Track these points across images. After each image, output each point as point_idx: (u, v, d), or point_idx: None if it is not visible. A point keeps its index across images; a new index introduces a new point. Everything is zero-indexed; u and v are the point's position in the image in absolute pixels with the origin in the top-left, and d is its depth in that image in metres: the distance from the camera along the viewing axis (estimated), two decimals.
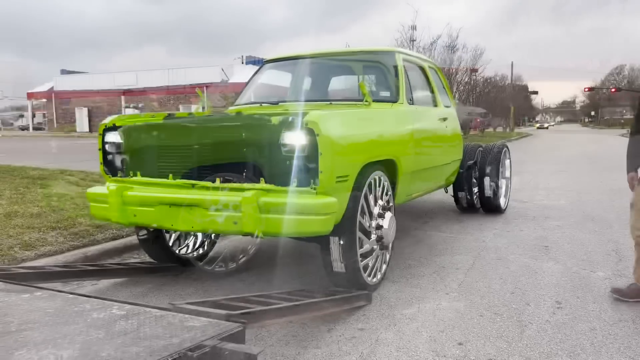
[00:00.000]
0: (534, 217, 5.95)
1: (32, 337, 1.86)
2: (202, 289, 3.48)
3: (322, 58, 4.70)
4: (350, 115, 3.32)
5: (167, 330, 1.92)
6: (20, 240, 4.08)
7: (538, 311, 3.01)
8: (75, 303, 2.25)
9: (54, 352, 1.71)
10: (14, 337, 1.85)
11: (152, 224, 3.14)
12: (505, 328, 2.77)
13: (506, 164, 6.27)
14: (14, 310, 2.16)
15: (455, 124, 5.39)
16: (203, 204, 2.89)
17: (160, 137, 3.29)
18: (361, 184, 3.13)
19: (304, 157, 2.82)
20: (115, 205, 3.14)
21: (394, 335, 2.68)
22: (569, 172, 11.27)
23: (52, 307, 2.20)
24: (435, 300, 3.19)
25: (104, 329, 1.94)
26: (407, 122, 3.99)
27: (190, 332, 1.89)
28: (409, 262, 4.08)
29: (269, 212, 2.75)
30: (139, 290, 3.48)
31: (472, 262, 4.06)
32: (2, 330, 1.91)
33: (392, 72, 4.24)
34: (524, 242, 4.69)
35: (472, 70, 27.67)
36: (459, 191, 5.93)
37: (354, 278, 3.10)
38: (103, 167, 3.45)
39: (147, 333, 1.90)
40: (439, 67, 5.69)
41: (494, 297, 3.24)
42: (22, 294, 2.38)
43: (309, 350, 2.53)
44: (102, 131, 3.41)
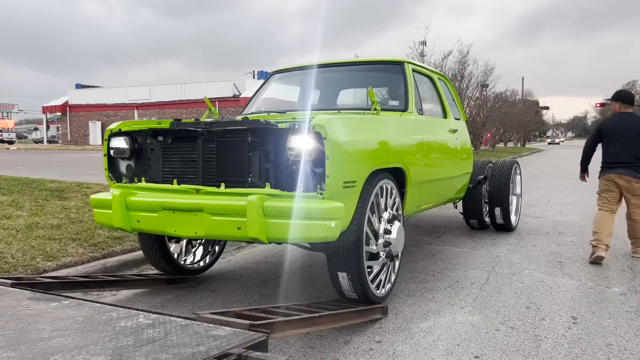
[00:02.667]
0: (547, 232, 5.96)
1: (65, 344, 1.92)
2: (220, 300, 3.54)
3: (331, 68, 4.66)
4: (358, 121, 3.25)
5: (194, 339, 1.98)
6: (42, 251, 4.17)
7: (553, 326, 3.02)
8: (103, 311, 2.32)
9: (87, 358, 1.77)
10: (47, 343, 1.92)
11: (156, 229, 3.11)
12: (521, 342, 2.79)
13: (517, 180, 6.18)
14: (44, 318, 2.23)
15: (465, 136, 5.36)
16: (207, 209, 2.87)
17: (166, 143, 3.28)
18: (369, 191, 3.09)
19: (310, 161, 2.77)
20: (118, 210, 3.14)
21: (411, 348, 2.72)
22: (582, 187, 11.21)
23: (81, 315, 2.27)
24: (451, 314, 3.22)
25: (133, 337, 2.01)
26: (416, 131, 3.95)
27: (216, 341, 1.95)
28: (423, 276, 4.11)
29: (273, 216, 2.71)
30: (158, 301, 3.54)
31: (486, 276, 4.08)
32: (35, 337, 1.98)
33: (401, 82, 4.22)
34: (538, 258, 4.70)
35: (482, 86, 27.73)
36: (470, 218, 5.90)
37: (360, 289, 3.04)
38: (108, 172, 3.44)
39: (175, 341, 1.96)
40: (449, 80, 5.66)
41: (509, 312, 3.26)
42: (51, 303, 2.45)
43: None
44: (108, 136, 3.40)
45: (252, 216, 2.69)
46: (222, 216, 2.83)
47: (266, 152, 2.94)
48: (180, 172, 3.20)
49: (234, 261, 4.74)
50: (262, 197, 2.73)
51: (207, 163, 3.10)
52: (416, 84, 4.32)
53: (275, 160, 2.92)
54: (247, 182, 2.96)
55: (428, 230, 6.19)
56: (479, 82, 25.82)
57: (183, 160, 3.20)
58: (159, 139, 3.30)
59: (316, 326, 2.60)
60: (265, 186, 2.88)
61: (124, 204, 3.15)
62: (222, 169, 3.04)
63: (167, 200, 3.03)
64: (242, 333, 2.04)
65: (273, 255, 4.93)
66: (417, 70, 4.51)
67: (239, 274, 4.25)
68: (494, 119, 31.54)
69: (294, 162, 2.83)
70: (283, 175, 2.89)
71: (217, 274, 4.25)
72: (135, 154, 3.39)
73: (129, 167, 3.43)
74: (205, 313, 2.28)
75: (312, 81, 4.77)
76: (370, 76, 4.59)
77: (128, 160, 3.43)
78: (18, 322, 2.18)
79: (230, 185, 2.98)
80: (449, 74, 22.13)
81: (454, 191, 5.11)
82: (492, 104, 30.46)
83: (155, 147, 3.31)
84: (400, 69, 4.28)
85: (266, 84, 4.96)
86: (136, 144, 3.37)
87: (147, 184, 3.26)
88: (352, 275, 2.99)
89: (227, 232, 2.83)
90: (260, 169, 2.95)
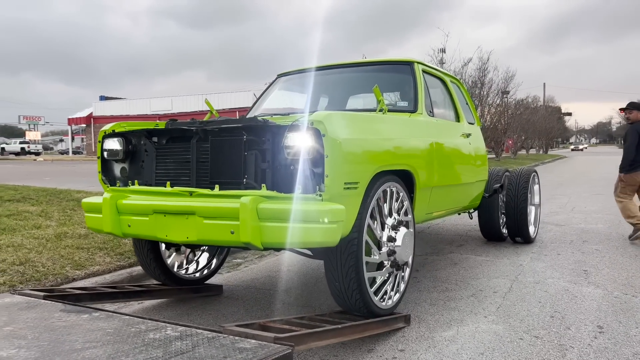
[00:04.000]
0: (572, 241, 5.88)
1: (97, 354, 1.99)
2: (243, 309, 3.59)
3: (338, 69, 4.47)
4: (361, 118, 3.05)
5: (221, 351, 2.03)
6: (71, 260, 4.28)
7: (579, 335, 3.00)
8: (132, 324, 2.39)
9: None
10: (81, 354, 1.99)
11: (147, 234, 2.96)
12: (545, 352, 2.77)
13: (535, 190, 5.94)
14: (76, 329, 2.31)
15: (480, 141, 5.16)
16: (199, 212, 2.71)
17: (160, 144, 3.15)
18: (371, 195, 2.90)
19: (308, 160, 2.60)
20: (109, 215, 2.99)
21: (434, 357, 2.72)
22: (606, 195, 11.02)
23: (111, 327, 2.34)
24: (474, 323, 3.21)
25: (162, 349, 2.07)
26: (425, 133, 3.76)
27: (242, 353, 2.00)
28: (445, 285, 4.10)
29: (269, 220, 2.53)
30: (183, 309, 3.60)
31: (509, 285, 4.05)
32: (69, 348, 2.06)
33: (410, 82, 4.05)
34: (562, 266, 4.65)
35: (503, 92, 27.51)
36: (486, 229, 5.68)
37: (361, 301, 2.86)
38: (101, 175, 3.31)
39: (202, 353, 2.02)
40: (462, 83, 5.52)
41: (533, 321, 3.24)
42: (82, 314, 2.54)
43: None
44: (102, 138, 3.28)
45: (245, 219, 2.51)
46: (215, 220, 2.67)
47: (262, 151, 2.77)
48: (174, 174, 3.06)
49: (256, 269, 4.79)
50: (256, 199, 2.56)
51: (201, 164, 2.95)
52: (426, 85, 4.17)
53: (272, 160, 2.74)
54: (242, 183, 2.79)
55: (450, 239, 6.16)
56: (499, 89, 25.61)
57: (177, 161, 3.05)
58: (154, 140, 3.17)
59: (340, 337, 2.61)
60: (261, 187, 2.72)
61: (114, 208, 3.00)
62: (217, 170, 2.88)
63: (158, 203, 2.88)
64: (267, 346, 2.09)
65: (295, 264, 4.97)
66: (427, 71, 4.35)
67: (261, 282, 4.29)
68: (515, 126, 31.20)
69: (292, 162, 2.66)
70: (280, 176, 2.72)
71: (240, 282, 4.30)
72: (129, 156, 3.26)
73: (123, 170, 3.30)
74: (231, 325, 2.33)
75: (319, 83, 4.59)
76: (379, 77, 4.38)
77: (122, 163, 3.29)
78: (51, 333, 2.26)
79: (224, 187, 2.82)
80: (468, 81, 22.03)
81: (467, 199, 4.89)
82: (514, 111, 30.17)
83: (149, 149, 3.17)
84: (410, 69, 4.11)
85: (271, 87, 4.80)
86: (130, 146, 3.24)
87: (140, 187, 3.12)
88: (351, 287, 2.81)
89: (219, 236, 2.67)
90: (257, 170, 2.78)
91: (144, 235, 2.98)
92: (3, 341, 2.14)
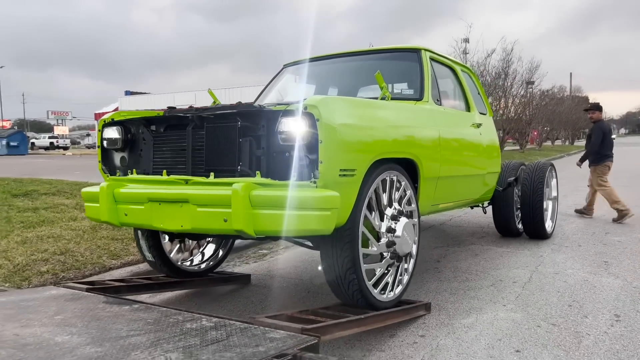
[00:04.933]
0: (594, 232, 5.91)
1: (141, 341, 2.18)
2: (270, 297, 3.76)
3: (345, 58, 4.38)
4: (359, 103, 2.97)
5: (253, 340, 2.19)
6: (107, 250, 4.52)
7: (596, 323, 3.09)
8: (169, 315, 2.57)
9: (163, 354, 2.03)
10: (126, 340, 2.18)
11: (143, 223, 2.95)
12: (562, 338, 2.87)
13: (552, 184, 5.82)
14: (120, 319, 2.50)
15: (492, 132, 5.02)
16: (192, 200, 2.68)
17: (158, 132, 3.13)
18: (371, 183, 2.85)
19: (303, 146, 2.54)
20: (106, 203, 2.99)
21: (453, 342, 2.85)
22: (632, 187, 10.92)
23: (151, 317, 2.52)
24: (493, 311, 3.32)
25: (199, 337, 2.24)
26: (431, 122, 3.66)
27: (272, 343, 2.16)
28: (466, 275, 4.21)
29: (261, 207, 2.49)
30: (213, 298, 3.80)
31: (529, 275, 4.14)
32: (115, 335, 2.25)
33: (417, 70, 3.95)
34: (583, 257, 4.71)
35: (527, 83, 27.15)
36: (500, 223, 5.55)
37: (359, 294, 2.83)
38: (101, 165, 3.30)
39: (236, 342, 2.18)
40: (474, 72, 5.32)
41: (551, 309, 3.33)
42: (123, 306, 2.73)
43: (374, 352, 2.74)
44: (101, 127, 3.26)
45: (238, 207, 2.47)
46: (208, 207, 2.64)
47: (257, 137, 2.73)
48: (171, 162, 3.04)
49: (282, 260, 4.97)
50: (248, 186, 2.51)
51: (197, 151, 2.92)
52: (434, 73, 4.07)
53: (266, 146, 2.70)
54: (237, 170, 2.75)
55: (471, 230, 6.24)
56: (523, 79, 25.29)
57: (173, 149, 3.04)
58: (152, 129, 3.15)
59: (363, 327, 2.75)
60: (255, 175, 2.67)
61: (111, 197, 3.00)
62: (212, 158, 2.85)
63: (153, 191, 2.87)
64: (295, 336, 2.24)
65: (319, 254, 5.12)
66: (436, 59, 4.25)
67: (287, 272, 4.47)
68: (540, 117, 30.77)
69: (286, 148, 2.61)
70: (275, 163, 2.68)
71: (267, 272, 4.48)
72: (128, 145, 3.25)
73: (122, 159, 3.28)
74: (261, 317, 2.50)
75: (326, 72, 4.51)
76: (386, 65, 4.25)
77: (122, 152, 3.28)
78: (98, 322, 2.46)
79: (220, 175, 2.78)
80: (492, 72, 21.82)
81: (478, 192, 4.75)
82: (538, 102, 29.74)
83: (146, 137, 3.17)
84: (417, 57, 4.01)
85: (277, 77, 4.73)
86: (129, 135, 3.23)
87: (138, 175, 3.12)
88: (347, 278, 2.77)
89: (213, 224, 2.64)
90: (251, 157, 2.74)
91: (141, 224, 2.97)
92: (57, 328, 2.34)
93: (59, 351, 2.06)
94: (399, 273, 3.16)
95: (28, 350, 2.07)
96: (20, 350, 2.06)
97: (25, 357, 1.99)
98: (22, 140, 36.68)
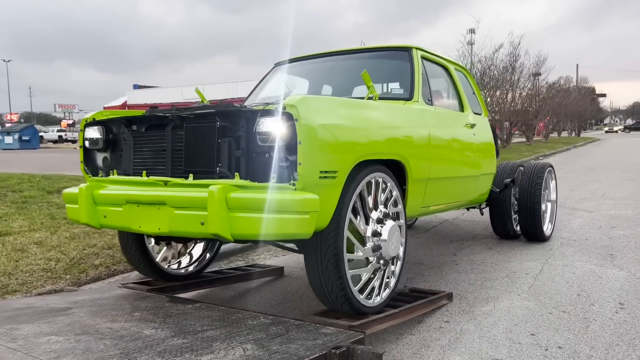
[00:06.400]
0: (600, 226, 6.24)
1: (216, 334, 2.47)
2: (305, 287, 4.12)
3: (334, 57, 4.33)
4: (341, 103, 2.88)
5: (309, 335, 2.50)
6: None
7: (602, 310, 3.44)
8: (231, 312, 2.88)
9: (239, 345, 2.34)
10: (203, 334, 2.48)
11: (122, 225, 2.90)
12: (572, 323, 3.23)
13: (551, 186, 5.74)
14: (189, 316, 2.79)
15: (486, 133, 4.93)
16: (169, 202, 2.64)
17: (139, 132, 3.07)
18: (355, 185, 2.78)
19: (283, 147, 2.48)
20: (85, 205, 2.96)
21: (475, 327, 3.21)
22: (638, 180, 11.20)
23: (216, 315, 2.82)
24: (509, 300, 3.68)
25: (263, 332, 2.53)
26: (420, 122, 3.59)
27: (326, 337, 2.48)
28: (482, 267, 4.57)
29: (238, 210, 2.43)
30: (249, 289, 4.17)
31: (540, 268, 4.49)
32: (192, 330, 2.55)
33: (407, 69, 3.89)
34: (590, 250, 5.05)
35: (534, 75, 27.37)
36: (497, 225, 5.50)
37: (344, 299, 2.78)
38: (83, 165, 3.27)
39: (295, 336, 2.48)
40: (469, 71, 5.27)
41: (561, 298, 3.69)
42: (187, 305, 3.05)
43: (405, 336, 3.11)
44: (83, 126, 3.23)
45: (213, 209, 2.42)
46: (185, 210, 2.60)
47: (237, 138, 2.66)
48: (151, 163, 2.99)
49: None
50: (225, 188, 2.46)
51: (176, 152, 2.86)
52: (426, 72, 4.01)
53: (246, 147, 2.63)
54: (215, 172, 2.69)
55: (485, 225, 6.59)
56: (530, 73, 25.51)
57: (153, 150, 2.98)
58: (133, 129, 3.10)
59: (397, 319, 3.10)
60: (234, 176, 2.62)
61: (90, 198, 2.97)
62: (191, 159, 2.79)
63: (131, 192, 2.84)
64: (344, 332, 2.57)
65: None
66: (428, 58, 4.18)
67: None
68: (546, 110, 30.97)
69: (266, 149, 2.55)
70: (254, 164, 2.62)
71: (297, 264, 4.84)
72: (110, 145, 3.21)
73: (105, 160, 3.25)
74: (311, 315, 2.85)
75: (314, 71, 4.46)
76: (376, 63, 4.20)
77: (104, 152, 3.24)
78: (172, 318, 2.74)
79: (198, 176, 2.74)
80: (499, 66, 22.05)
81: (472, 193, 4.67)
82: (545, 94, 29.93)
83: (127, 138, 3.11)
84: (407, 55, 3.96)
85: (268, 76, 4.68)
86: (111, 135, 3.19)
87: (118, 177, 3.09)
88: (331, 282, 2.72)
89: (190, 227, 2.60)
90: (230, 158, 2.67)
91: (119, 226, 2.94)
92: (140, 323, 2.63)
93: (153, 341, 2.35)
94: (385, 276, 3.12)
95: (127, 340, 2.36)
96: (120, 340, 2.36)
97: (127, 346, 2.29)
98: (33, 134, 37.22)
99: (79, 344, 2.32)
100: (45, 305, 3.07)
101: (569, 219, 6.73)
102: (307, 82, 4.51)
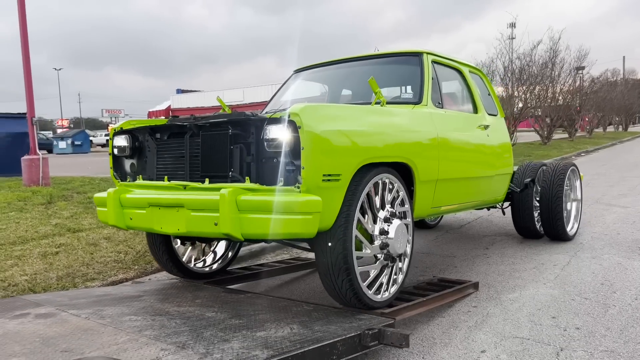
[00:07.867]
0: (634, 221, 6.37)
1: (267, 318, 2.87)
2: None
3: (350, 63, 4.52)
4: (344, 109, 3.06)
5: (347, 320, 2.87)
6: None
7: (622, 297, 3.69)
8: (276, 301, 3.27)
9: (287, 325, 2.72)
10: (256, 317, 2.89)
11: (145, 227, 3.14)
12: (592, 308, 3.50)
13: (575, 186, 5.75)
14: (242, 304, 3.21)
15: (501, 133, 4.99)
16: (187, 205, 2.87)
17: (161, 139, 3.31)
18: (358, 188, 2.91)
19: (289, 152, 2.67)
20: (112, 208, 3.21)
21: (500, 311, 3.53)
22: None
23: (264, 303, 3.22)
24: (535, 288, 3.97)
25: (306, 316, 2.91)
26: (428, 125, 3.69)
27: (361, 321, 2.84)
28: (512, 259, 4.85)
29: (248, 211, 2.64)
30: (288, 280, 4.59)
31: (568, 260, 4.74)
32: (246, 314, 2.96)
33: (417, 73, 4.02)
34: (620, 244, 5.24)
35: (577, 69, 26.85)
36: (520, 225, 5.51)
37: (354, 296, 2.94)
38: (113, 171, 3.52)
39: (334, 320, 2.85)
40: (484, 73, 5.37)
41: (585, 287, 3.95)
42: (239, 295, 3.45)
43: (436, 318, 3.46)
44: (112, 135, 3.48)
45: (225, 211, 2.63)
46: (200, 212, 2.82)
47: (247, 145, 2.87)
48: (172, 169, 3.23)
49: None
50: (235, 191, 2.67)
51: (194, 158, 3.09)
52: (437, 75, 4.13)
53: (255, 153, 2.84)
54: (228, 176, 2.91)
55: None
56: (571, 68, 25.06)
57: (174, 156, 3.22)
58: (156, 137, 3.34)
59: (426, 307, 3.39)
60: (245, 180, 2.83)
61: (118, 202, 3.22)
62: (207, 164, 3.02)
63: (153, 196, 3.07)
64: (376, 318, 2.92)
65: None
66: (440, 62, 4.31)
67: None
68: (590, 104, 30.27)
69: (273, 155, 2.76)
70: (263, 169, 2.82)
71: None
72: (136, 152, 3.46)
73: (132, 166, 3.50)
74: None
75: (329, 78, 4.67)
76: (390, 69, 4.36)
77: (131, 159, 3.50)
78: (228, 304, 3.15)
79: (214, 181, 2.96)
80: (538, 62, 21.82)
81: (487, 194, 4.72)
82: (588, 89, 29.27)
83: (150, 145, 3.36)
84: (418, 60, 4.09)
85: (287, 83, 4.89)
86: (137, 142, 3.44)
87: (143, 181, 3.33)
88: (340, 278, 2.87)
89: (205, 228, 2.82)
90: (242, 163, 2.88)
91: (143, 227, 3.16)
92: (202, 308, 3.06)
93: (214, 321, 2.77)
94: (393, 272, 3.26)
95: (193, 320, 2.79)
96: (188, 320, 2.80)
97: (194, 324, 2.71)
98: (85, 139, 39.10)
99: (155, 322, 2.78)
100: (120, 293, 3.58)
101: (604, 215, 6.87)
102: (327, 87, 4.69)
